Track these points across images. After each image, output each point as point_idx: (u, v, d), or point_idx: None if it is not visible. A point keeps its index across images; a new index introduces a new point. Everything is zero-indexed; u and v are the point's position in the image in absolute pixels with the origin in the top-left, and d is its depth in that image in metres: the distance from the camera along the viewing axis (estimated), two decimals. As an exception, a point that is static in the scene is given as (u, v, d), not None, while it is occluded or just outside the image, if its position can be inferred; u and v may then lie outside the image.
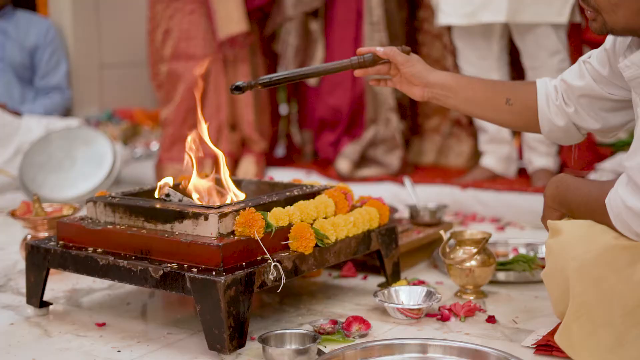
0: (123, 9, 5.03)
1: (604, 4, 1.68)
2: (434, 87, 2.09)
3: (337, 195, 2.18)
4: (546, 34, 3.40)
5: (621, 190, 1.63)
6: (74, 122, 4.15)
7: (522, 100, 2.05)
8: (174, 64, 4.05)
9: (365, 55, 2.10)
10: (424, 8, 4.03)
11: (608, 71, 1.88)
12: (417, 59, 2.12)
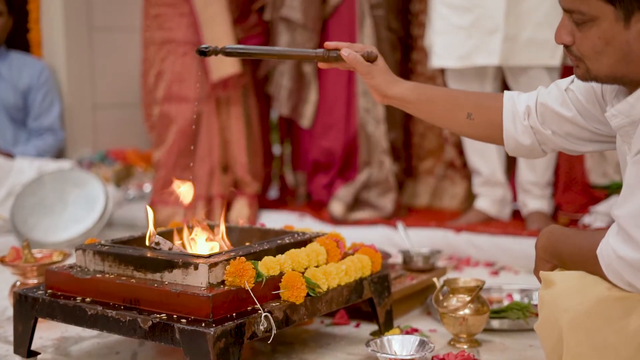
0: (117, 50, 5.04)
1: (587, 52, 1.67)
2: (392, 100, 2.07)
3: (329, 243, 2.16)
4: (539, 77, 3.41)
5: (612, 240, 1.61)
6: (67, 164, 4.14)
7: (486, 116, 2.02)
8: (166, 106, 4.04)
9: (331, 51, 2.06)
10: (417, 50, 4.05)
11: (597, 110, 1.87)
12: (379, 70, 2.05)
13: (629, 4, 1.60)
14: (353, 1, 3.84)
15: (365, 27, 3.82)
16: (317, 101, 3.93)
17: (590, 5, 1.63)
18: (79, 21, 4.83)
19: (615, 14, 1.62)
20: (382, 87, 2.04)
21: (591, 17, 1.64)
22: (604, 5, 1.62)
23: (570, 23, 1.69)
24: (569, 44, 1.71)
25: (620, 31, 1.63)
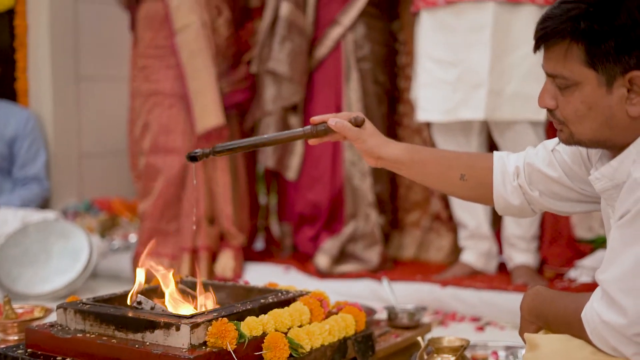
0: (104, 99, 5.04)
1: (570, 116, 1.68)
2: (386, 162, 2.06)
3: (313, 302, 2.14)
4: (525, 131, 3.42)
5: (596, 304, 1.61)
6: (51, 215, 4.12)
7: (477, 177, 2.02)
8: (152, 157, 4.04)
9: (318, 125, 2.04)
10: (403, 103, 4.07)
11: (583, 171, 1.88)
12: (369, 134, 2.04)
13: (611, 70, 1.62)
14: (339, 54, 3.86)
15: (351, 81, 3.84)
16: (303, 154, 3.94)
17: (573, 70, 1.65)
18: (67, 70, 4.84)
19: (597, 79, 1.63)
20: (375, 150, 2.03)
21: (574, 82, 1.66)
22: (586, 71, 1.63)
23: (553, 87, 1.71)
24: (553, 108, 1.72)
25: (603, 96, 1.64)
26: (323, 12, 3.88)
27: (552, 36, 1.66)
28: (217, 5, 4.02)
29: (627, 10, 1.60)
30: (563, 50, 1.65)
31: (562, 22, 1.64)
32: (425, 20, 3.53)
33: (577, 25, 1.62)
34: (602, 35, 1.61)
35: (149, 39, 4.05)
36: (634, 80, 1.62)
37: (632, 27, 1.60)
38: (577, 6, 1.64)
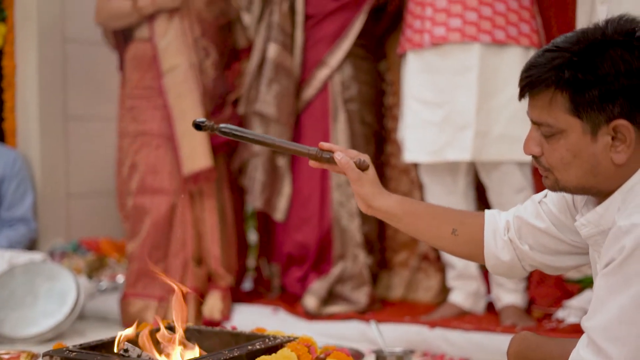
0: (92, 138, 5.04)
1: (556, 163, 1.70)
2: (378, 212, 2.06)
3: (300, 348, 2.13)
4: (511, 172, 3.44)
5: (583, 352, 1.61)
6: (38, 256, 4.09)
7: (469, 232, 2.03)
8: (140, 198, 4.04)
9: (324, 152, 2.04)
10: (391, 143, 4.08)
11: (569, 219, 1.88)
12: (369, 180, 2.03)
13: (595, 118, 1.63)
14: (327, 95, 3.88)
15: (339, 122, 3.86)
16: (291, 195, 3.94)
17: (558, 118, 1.66)
18: (55, 110, 4.84)
19: (582, 127, 1.65)
20: (369, 198, 2.02)
21: (559, 130, 1.67)
22: (571, 119, 1.65)
23: (538, 135, 1.72)
24: (538, 155, 1.73)
25: (588, 144, 1.66)
26: (310, 54, 3.90)
27: (537, 85, 1.68)
28: (204, 47, 4.04)
29: (611, 60, 1.62)
30: (548, 99, 1.67)
31: (547, 71, 1.66)
32: (411, 62, 3.56)
33: (562, 74, 1.64)
34: (586, 84, 1.63)
35: (136, 79, 4.06)
36: (618, 129, 1.63)
37: (615, 76, 1.62)
38: (561, 55, 1.66)
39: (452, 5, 3.40)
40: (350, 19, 3.85)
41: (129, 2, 3.98)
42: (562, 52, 1.66)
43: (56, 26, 4.83)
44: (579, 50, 1.65)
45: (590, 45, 1.65)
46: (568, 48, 1.66)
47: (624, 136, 1.64)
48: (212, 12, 4.09)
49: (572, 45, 1.66)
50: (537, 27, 3.48)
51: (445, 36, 3.41)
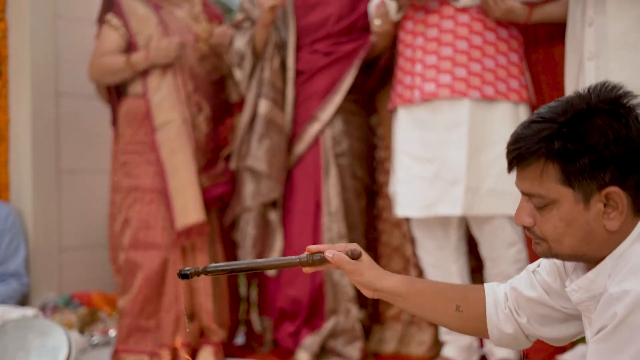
0: (85, 192, 5.04)
1: (549, 233, 1.71)
2: (383, 293, 2.05)
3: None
4: (502, 226, 3.46)
5: None
6: (30, 312, 4.08)
7: (472, 308, 2.02)
8: (132, 253, 4.04)
9: (314, 254, 2.04)
10: (382, 197, 4.09)
11: (559, 285, 1.89)
12: (366, 266, 2.01)
13: (587, 186, 1.64)
14: (318, 150, 3.90)
15: (330, 176, 3.87)
16: (283, 249, 3.94)
17: (549, 189, 1.67)
18: (48, 164, 4.85)
19: (574, 197, 1.66)
20: (372, 282, 2.00)
21: (551, 200, 1.68)
22: (562, 189, 1.66)
23: (529, 205, 1.73)
24: (530, 226, 1.74)
25: (581, 212, 1.67)
26: (302, 109, 3.94)
27: (526, 157, 1.69)
28: (197, 102, 4.08)
29: (599, 129, 1.64)
30: (538, 170, 1.68)
31: (536, 143, 1.67)
32: (402, 117, 3.59)
33: (551, 145, 1.65)
34: (576, 154, 1.64)
35: (130, 135, 4.09)
36: (610, 196, 1.65)
37: (605, 144, 1.64)
38: (549, 126, 1.67)
39: (442, 62, 3.44)
40: (341, 74, 3.89)
41: (123, 57, 4.02)
42: (549, 123, 1.68)
43: (49, 80, 4.85)
44: (566, 121, 1.66)
45: (577, 115, 1.67)
46: (555, 119, 1.68)
47: (616, 203, 1.65)
48: (204, 68, 4.14)
49: (559, 115, 1.68)
50: (526, 82, 3.52)
51: (435, 92, 3.44)
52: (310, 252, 2.03)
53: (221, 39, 4.06)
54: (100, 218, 4.89)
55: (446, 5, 3.46)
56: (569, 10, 3.26)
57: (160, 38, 4.01)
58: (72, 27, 4.86)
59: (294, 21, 3.95)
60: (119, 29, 4.07)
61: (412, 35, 3.53)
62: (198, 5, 4.24)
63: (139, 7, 4.10)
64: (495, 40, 3.45)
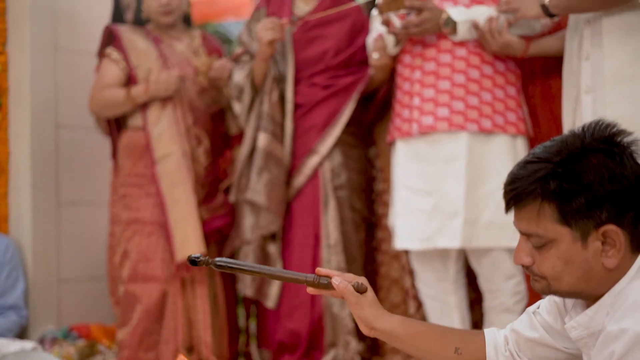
0: (84, 224, 5.04)
1: (548, 272, 1.72)
2: (381, 333, 2.05)
3: None
4: (501, 258, 3.46)
5: None
6: (29, 345, 4.08)
7: (471, 350, 2.03)
8: (131, 285, 4.04)
9: (322, 277, 2.05)
10: (381, 229, 4.09)
11: (560, 324, 1.89)
12: (368, 303, 2.03)
13: (584, 225, 1.66)
14: (317, 183, 3.91)
15: (329, 209, 3.89)
16: (281, 283, 3.94)
17: (547, 228, 1.69)
18: (47, 196, 4.85)
19: (572, 235, 1.67)
20: (370, 320, 2.02)
21: (549, 240, 1.69)
22: (560, 228, 1.67)
23: (528, 245, 1.74)
24: (529, 265, 1.75)
25: (579, 251, 1.68)
26: (300, 142, 3.95)
27: (523, 197, 1.71)
28: (196, 135, 4.10)
29: (594, 168, 1.66)
30: (535, 210, 1.69)
31: (532, 183, 1.69)
32: (400, 150, 3.61)
33: (547, 185, 1.67)
34: (572, 193, 1.66)
35: (129, 167, 4.11)
36: (607, 234, 1.66)
37: (600, 183, 1.65)
38: (544, 166, 1.69)
39: (440, 95, 3.46)
40: (340, 107, 3.91)
41: (123, 91, 4.05)
42: (544, 163, 1.70)
43: (49, 112, 4.86)
44: (561, 161, 1.68)
45: (572, 154, 1.68)
46: (550, 159, 1.70)
47: (613, 241, 1.66)
48: (204, 101, 4.17)
49: (554, 155, 1.70)
50: (524, 115, 3.54)
51: (434, 125, 3.46)
52: (319, 274, 2.04)
53: (220, 73, 4.08)
54: (99, 250, 4.89)
55: (444, 39, 3.48)
56: (566, 44, 3.29)
57: (160, 71, 4.04)
58: (73, 60, 4.88)
59: (292, 55, 3.98)
60: (119, 62, 4.10)
61: (410, 68, 3.55)
62: (197, 38, 4.27)
63: (139, 40, 4.13)
64: (492, 74, 3.47)
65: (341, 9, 3.88)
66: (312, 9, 4.00)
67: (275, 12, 4.02)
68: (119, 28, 4.19)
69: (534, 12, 3.26)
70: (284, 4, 4.03)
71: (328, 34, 3.98)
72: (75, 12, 4.91)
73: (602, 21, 3.06)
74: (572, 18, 3.25)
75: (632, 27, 3.00)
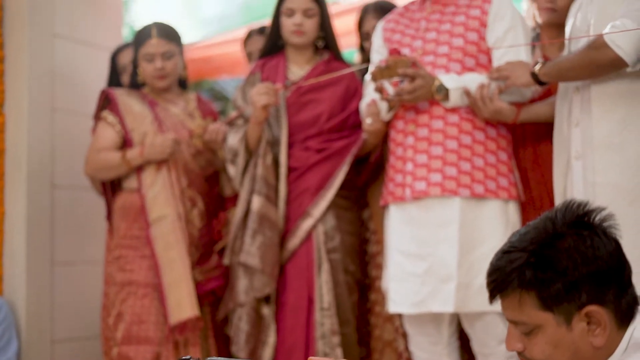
0: (78, 283, 5.04)
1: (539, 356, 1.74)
2: None
3: None
4: (494, 322, 3.47)
5: None
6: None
7: None
8: (125, 347, 4.03)
9: None
10: (375, 291, 4.10)
11: None
12: None
13: (566, 309, 1.68)
14: (311, 246, 3.93)
15: (322, 272, 3.90)
16: (275, 345, 3.93)
17: (530, 316, 1.71)
18: (42, 256, 4.85)
19: (556, 320, 1.70)
20: None
21: (535, 326, 1.72)
22: (543, 314, 1.70)
23: (517, 331, 1.76)
24: (521, 350, 1.77)
25: (565, 334, 1.70)
26: (294, 205, 3.97)
27: (503, 288, 1.74)
28: (191, 197, 4.13)
29: (567, 252, 1.69)
30: (516, 300, 1.73)
31: (509, 274, 1.73)
32: (393, 214, 3.63)
33: (523, 275, 1.71)
34: (548, 281, 1.69)
35: (124, 229, 4.12)
36: (590, 314, 1.68)
37: (574, 267, 1.68)
38: (519, 256, 1.73)
39: (433, 161, 3.50)
40: (333, 170, 3.94)
41: (118, 154, 4.08)
42: (519, 253, 1.73)
43: (45, 173, 4.89)
44: (534, 250, 1.71)
45: (544, 242, 1.72)
46: (524, 247, 1.73)
47: (597, 320, 1.69)
48: (198, 163, 4.20)
49: (528, 244, 1.73)
50: (515, 180, 3.57)
51: (426, 190, 3.49)
52: None
53: (215, 136, 4.12)
54: (93, 310, 4.88)
55: (436, 106, 3.53)
56: (556, 110, 3.34)
57: (155, 135, 4.08)
58: (70, 120, 4.92)
59: (285, 118, 4.02)
60: (115, 125, 4.14)
61: (403, 134, 3.60)
62: (193, 101, 4.32)
63: (135, 104, 4.18)
64: (484, 140, 3.51)
65: (334, 75, 3.93)
66: (306, 74, 4.06)
67: (270, 76, 4.08)
68: (114, 92, 4.24)
69: (524, 80, 3.31)
70: (278, 69, 4.09)
71: (321, 98, 4.03)
72: (73, 73, 4.97)
73: (591, 89, 3.12)
74: (562, 85, 3.31)
75: (620, 95, 3.06)
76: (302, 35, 4.03)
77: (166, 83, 4.17)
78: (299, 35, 4.03)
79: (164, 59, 4.12)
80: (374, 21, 4.17)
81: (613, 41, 2.91)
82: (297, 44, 4.07)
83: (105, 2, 5.25)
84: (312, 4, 4.02)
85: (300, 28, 4.02)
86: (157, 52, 4.11)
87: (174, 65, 4.17)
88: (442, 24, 3.60)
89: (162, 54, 4.11)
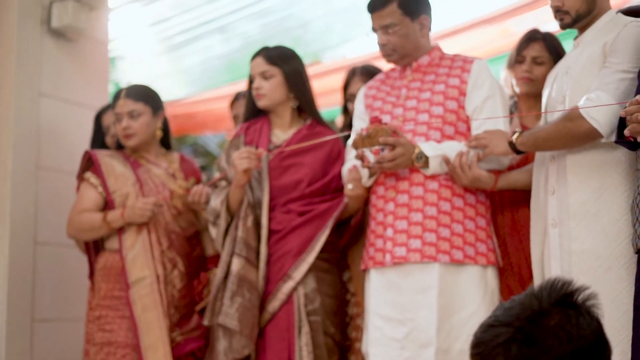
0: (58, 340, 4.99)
1: None
2: None
3: None
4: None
5: None
6: None
7: None
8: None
9: None
10: (354, 353, 4.06)
11: None
12: None
13: None
14: (291, 308, 3.92)
15: (302, 335, 3.89)
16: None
17: None
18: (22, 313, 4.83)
19: None
20: None
21: None
22: None
23: None
24: None
25: None
26: (275, 267, 3.98)
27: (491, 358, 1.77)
28: (171, 259, 4.14)
29: (552, 330, 1.73)
30: None
31: (494, 348, 1.76)
32: (374, 279, 3.67)
33: (509, 351, 1.74)
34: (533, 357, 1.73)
35: (105, 290, 4.13)
36: None
37: (559, 345, 1.72)
38: (505, 330, 1.76)
39: (412, 227, 3.54)
40: (315, 233, 3.95)
41: (100, 215, 4.11)
42: (505, 328, 1.76)
43: (28, 230, 4.89)
44: (520, 326, 1.75)
45: (530, 318, 1.75)
46: (510, 322, 1.76)
47: None
48: (179, 224, 4.22)
49: (513, 319, 1.76)
50: (494, 246, 3.62)
51: (406, 256, 3.53)
52: None
53: (198, 198, 4.15)
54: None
55: (416, 173, 3.58)
56: (533, 178, 3.40)
57: (137, 196, 4.11)
58: (54, 178, 4.95)
59: (267, 182, 4.05)
60: (97, 187, 4.17)
61: (384, 200, 3.64)
62: (176, 162, 4.35)
63: (117, 165, 4.21)
64: (463, 206, 3.56)
65: (316, 142, 3.98)
66: (289, 138, 4.10)
67: (254, 139, 4.12)
68: (97, 153, 4.27)
69: (501, 149, 3.38)
70: (262, 133, 4.13)
71: (303, 162, 4.06)
72: (58, 131, 5.00)
73: (567, 158, 3.19)
74: (539, 153, 3.37)
75: (595, 165, 3.12)
76: (262, 97, 4.08)
77: (134, 142, 4.19)
78: (259, 98, 4.09)
79: (129, 118, 4.15)
80: (360, 84, 4.25)
81: (588, 113, 2.99)
82: (263, 107, 4.13)
83: (91, 60, 5.31)
84: (267, 67, 4.06)
85: (259, 91, 4.07)
86: (123, 111, 4.15)
87: (140, 125, 4.17)
88: (423, 92, 3.67)
89: (128, 113, 4.15)
